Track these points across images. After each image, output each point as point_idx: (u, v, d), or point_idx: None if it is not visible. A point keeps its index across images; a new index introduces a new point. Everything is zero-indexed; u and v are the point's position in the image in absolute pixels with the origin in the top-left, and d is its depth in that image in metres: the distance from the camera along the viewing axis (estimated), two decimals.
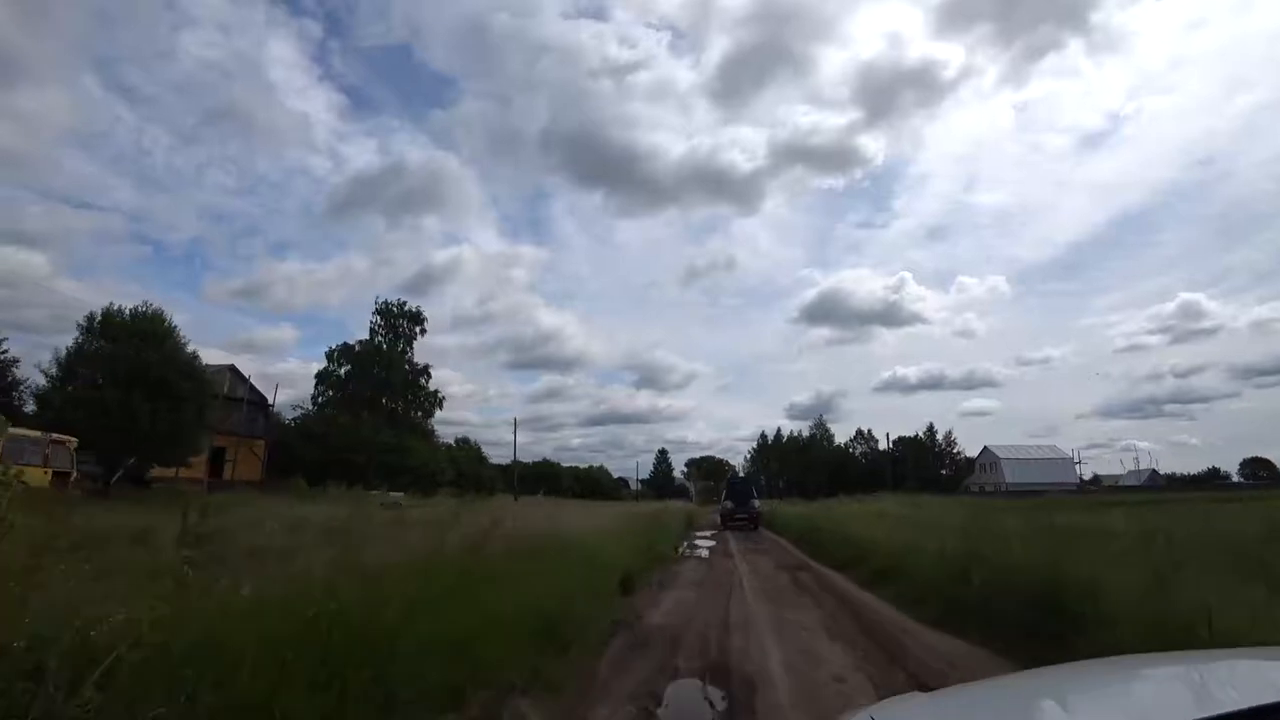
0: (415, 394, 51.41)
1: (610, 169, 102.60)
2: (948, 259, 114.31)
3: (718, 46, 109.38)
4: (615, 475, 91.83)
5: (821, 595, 8.68)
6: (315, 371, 50.09)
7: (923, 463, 71.75)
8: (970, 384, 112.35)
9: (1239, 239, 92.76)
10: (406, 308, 53.20)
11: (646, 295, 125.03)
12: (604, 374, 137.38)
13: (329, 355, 49.62)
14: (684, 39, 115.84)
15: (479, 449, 61.66)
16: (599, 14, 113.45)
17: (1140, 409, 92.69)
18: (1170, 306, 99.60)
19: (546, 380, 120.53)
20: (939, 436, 74.61)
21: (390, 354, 50.40)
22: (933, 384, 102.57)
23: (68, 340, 24.34)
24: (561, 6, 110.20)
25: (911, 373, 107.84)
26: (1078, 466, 63.38)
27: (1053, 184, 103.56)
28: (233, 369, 42.57)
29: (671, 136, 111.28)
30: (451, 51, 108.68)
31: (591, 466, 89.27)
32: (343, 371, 49.65)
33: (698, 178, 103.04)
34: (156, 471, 28.34)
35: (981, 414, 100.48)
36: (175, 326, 25.58)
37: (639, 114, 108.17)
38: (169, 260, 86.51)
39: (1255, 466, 76.63)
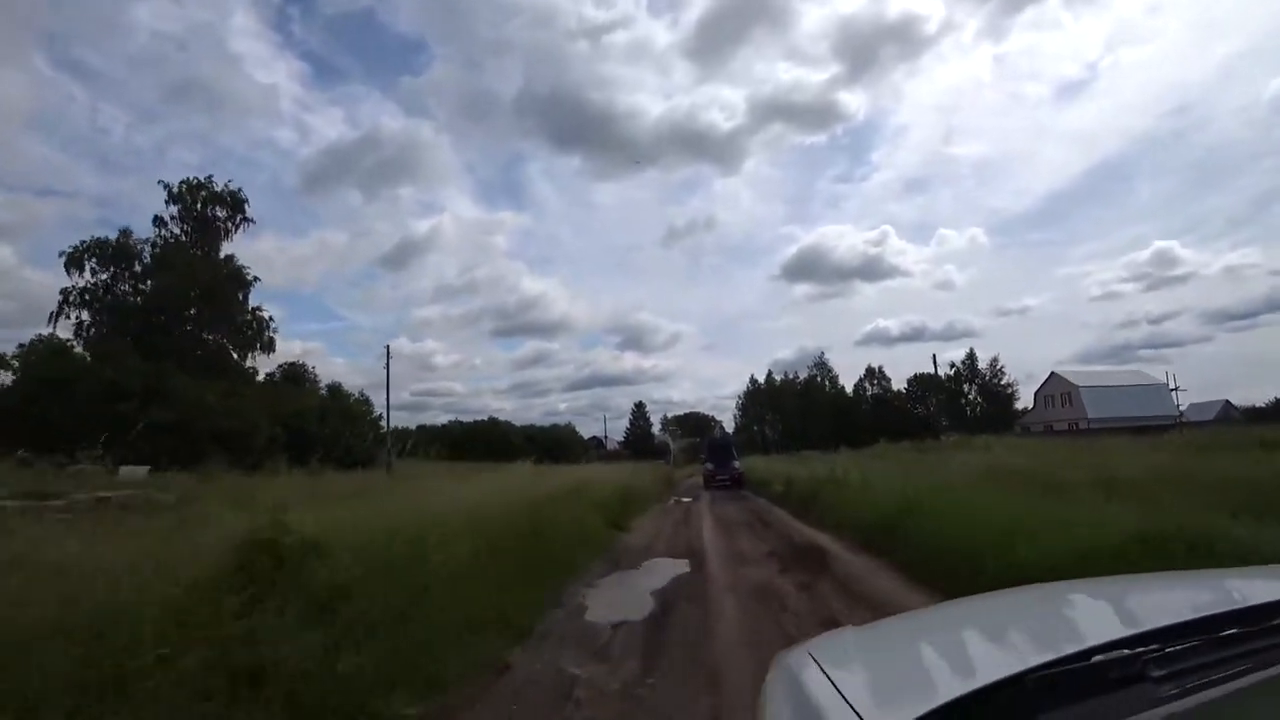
0: (230, 317, 32.95)
1: (588, 131, 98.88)
2: (928, 211, 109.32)
3: (696, 4, 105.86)
4: (588, 435, 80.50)
5: None
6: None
7: (957, 400, 56.46)
8: (951, 335, 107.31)
9: (1212, 186, 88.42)
10: (218, 187, 34.19)
11: (628, 257, 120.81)
12: (588, 338, 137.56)
13: (70, 258, 30.39)
14: None
15: (362, 401, 43.95)
16: None
17: (1116, 355, 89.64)
18: (1145, 255, 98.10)
19: (531, 346, 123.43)
20: (980, 365, 58.83)
21: (179, 257, 31.45)
22: (913, 335, 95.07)
23: None
24: None
25: (893, 325, 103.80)
26: (1174, 394, 48.14)
27: (1031, 135, 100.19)
28: None
29: (650, 97, 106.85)
30: (417, 14, 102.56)
31: (555, 425, 78.02)
32: (99, 281, 30.87)
33: (677, 138, 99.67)
34: None
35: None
36: None
37: (616, 75, 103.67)
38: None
39: None
